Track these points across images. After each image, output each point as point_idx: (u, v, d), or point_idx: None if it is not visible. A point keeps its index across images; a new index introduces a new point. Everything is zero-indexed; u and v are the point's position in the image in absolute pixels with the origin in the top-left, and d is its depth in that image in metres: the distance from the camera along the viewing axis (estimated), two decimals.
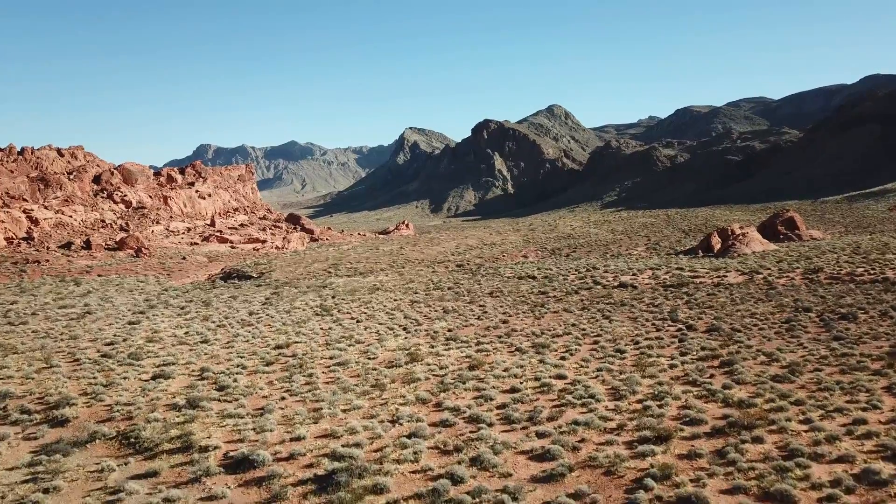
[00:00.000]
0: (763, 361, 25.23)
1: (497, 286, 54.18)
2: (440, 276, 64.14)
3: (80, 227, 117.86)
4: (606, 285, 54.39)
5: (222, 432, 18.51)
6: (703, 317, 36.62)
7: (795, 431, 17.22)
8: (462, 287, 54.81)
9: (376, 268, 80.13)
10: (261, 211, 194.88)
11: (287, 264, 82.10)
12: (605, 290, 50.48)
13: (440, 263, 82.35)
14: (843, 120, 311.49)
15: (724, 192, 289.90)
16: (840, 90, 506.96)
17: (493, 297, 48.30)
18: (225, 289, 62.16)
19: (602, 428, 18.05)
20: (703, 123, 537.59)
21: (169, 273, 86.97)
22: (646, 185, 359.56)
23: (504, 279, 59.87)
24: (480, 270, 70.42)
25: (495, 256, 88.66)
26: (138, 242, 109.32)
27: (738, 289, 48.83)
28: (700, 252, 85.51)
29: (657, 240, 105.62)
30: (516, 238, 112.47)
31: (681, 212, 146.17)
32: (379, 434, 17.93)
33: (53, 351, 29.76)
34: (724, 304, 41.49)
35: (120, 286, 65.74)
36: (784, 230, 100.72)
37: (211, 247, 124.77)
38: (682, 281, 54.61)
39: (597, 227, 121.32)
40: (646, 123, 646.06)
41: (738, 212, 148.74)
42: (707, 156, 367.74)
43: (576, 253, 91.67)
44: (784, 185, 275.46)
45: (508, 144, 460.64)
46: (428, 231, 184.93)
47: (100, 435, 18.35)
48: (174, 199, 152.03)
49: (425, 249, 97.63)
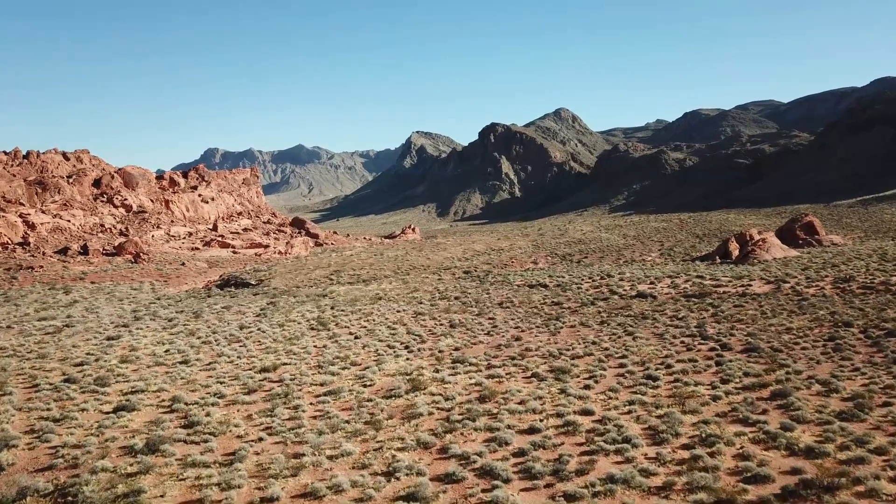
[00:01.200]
0: (820, 392, 21.78)
1: (507, 296, 50.84)
2: (446, 285, 60.82)
3: (78, 231, 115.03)
4: (624, 295, 50.97)
5: (180, 488, 15.20)
6: (735, 332, 33.20)
7: (891, 496, 13.77)
8: (469, 296, 51.51)
9: (380, 275, 76.88)
10: (265, 215, 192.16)
11: (287, 271, 78.89)
12: (623, 301, 47.04)
13: (446, 270, 79.06)
14: (854, 122, 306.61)
15: (734, 195, 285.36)
16: (850, 93, 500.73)
17: (503, 309, 44.96)
18: (220, 298, 58.98)
19: (645, 488, 14.59)
20: (712, 127, 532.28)
21: (166, 279, 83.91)
22: (654, 189, 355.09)
23: (514, 288, 56.52)
24: (489, 278, 67.12)
25: (504, 263, 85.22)
26: (137, 247, 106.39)
27: (765, 299, 45.35)
28: (717, 258, 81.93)
29: (671, 245, 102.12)
30: (525, 243, 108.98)
31: (693, 216, 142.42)
32: (370, 494, 14.54)
33: (13, 373, 26.58)
34: (755, 317, 38.05)
35: (111, 294, 62.68)
36: (804, 235, 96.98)
37: (212, 252, 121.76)
38: (704, 290, 51.17)
39: (608, 232, 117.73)
40: (653, 127, 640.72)
41: (751, 216, 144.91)
42: (716, 159, 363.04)
43: (587, 259, 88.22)
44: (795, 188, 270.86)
45: (515, 148, 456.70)
46: (434, 235, 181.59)
47: (32, 490, 15.06)
48: (176, 203, 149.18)
49: (431, 255, 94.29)
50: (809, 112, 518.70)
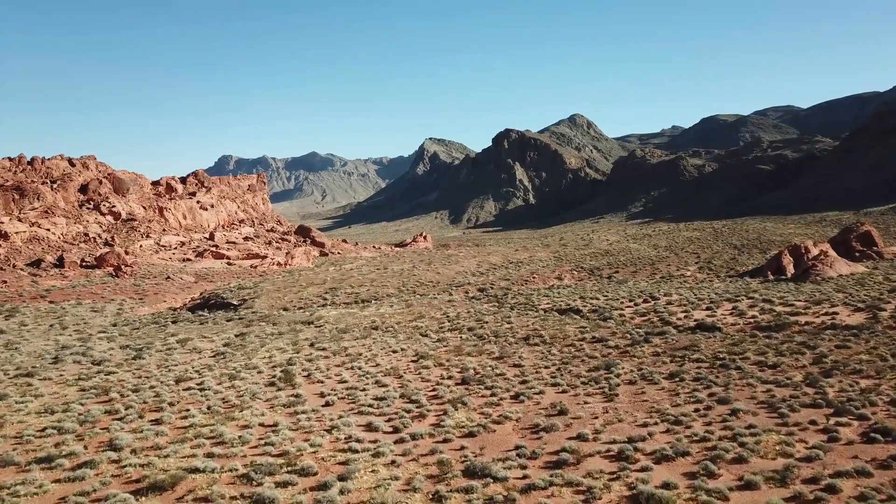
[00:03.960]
0: None
1: (533, 326, 40.68)
2: (458, 308, 50.69)
3: (58, 241, 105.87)
4: (680, 326, 40.71)
5: None
6: (874, 398, 22.82)
7: None
8: (486, 326, 41.44)
9: (382, 293, 66.91)
10: (270, 222, 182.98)
11: (277, 289, 68.95)
12: (684, 337, 36.70)
13: (458, 287, 69.04)
14: (883, 127, 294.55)
15: (756, 202, 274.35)
16: (873, 98, 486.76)
17: (530, 347, 34.84)
18: (186, 325, 49.15)
19: None
20: (730, 133, 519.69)
21: (142, 296, 74.30)
22: (673, 196, 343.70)
23: (541, 314, 46.39)
24: (508, 298, 56.95)
25: (524, 278, 74.93)
26: (119, 259, 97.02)
27: (869, 335, 34.91)
28: (769, 274, 71.40)
29: (708, 257, 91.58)
30: (546, 255, 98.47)
31: (728, 224, 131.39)
32: None
33: None
34: (880, 368, 27.66)
35: (61, 318, 52.95)
36: (860, 247, 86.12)
37: (205, 263, 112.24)
38: (780, 321, 40.74)
39: (637, 242, 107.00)
40: (669, 133, 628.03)
41: (790, 224, 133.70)
42: (736, 165, 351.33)
43: (619, 274, 77.82)
44: (821, 194, 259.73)
45: (530, 154, 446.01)
46: (447, 244, 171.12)
47: None
48: (171, 211, 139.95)
49: (441, 269, 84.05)
50: (831, 117, 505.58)
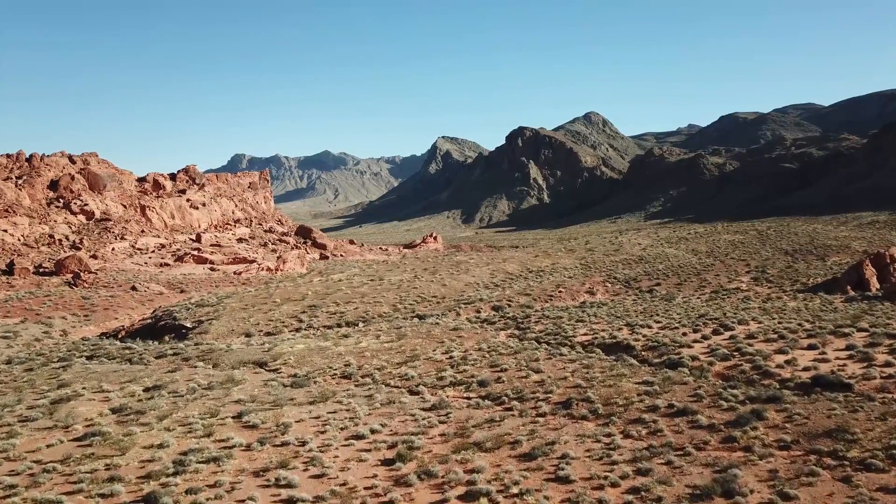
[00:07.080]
0: None
1: (574, 380, 27.86)
2: (465, 342, 37.98)
3: (17, 244, 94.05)
4: (788, 381, 27.85)
5: None
6: None
7: None
8: (505, 377, 28.83)
9: (373, 311, 54.33)
10: (269, 222, 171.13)
11: (244, 306, 56.39)
12: (807, 404, 23.69)
13: (468, 305, 56.40)
14: None
15: (780, 202, 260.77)
16: None
17: (576, 424, 22.18)
18: (101, 363, 36.76)
19: None
20: (750, 131, 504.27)
21: (89, 313, 62.12)
22: (693, 195, 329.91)
23: (580, 353, 33.62)
24: (531, 323, 44.23)
25: (548, 293, 62.05)
26: (80, 265, 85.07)
27: None
28: (849, 289, 58.39)
29: (759, 265, 78.41)
30: (571, 262, 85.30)
31: (773, 226, 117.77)
32: None
33: None
34: None
35: None
36: None
37: (184, 269, 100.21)
38: None
39: (673, 247, 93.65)
40: (686, 132, 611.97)
41: (840, 226, 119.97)
42: (759, 164, 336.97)
43: (660, 287, 64.92)
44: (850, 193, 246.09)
45: (544, 152, 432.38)
46: (458, 246, 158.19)
47: None
48: (155, 210, 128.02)
49: (448, 280, 71.21)
50: (854, 114, 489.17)
